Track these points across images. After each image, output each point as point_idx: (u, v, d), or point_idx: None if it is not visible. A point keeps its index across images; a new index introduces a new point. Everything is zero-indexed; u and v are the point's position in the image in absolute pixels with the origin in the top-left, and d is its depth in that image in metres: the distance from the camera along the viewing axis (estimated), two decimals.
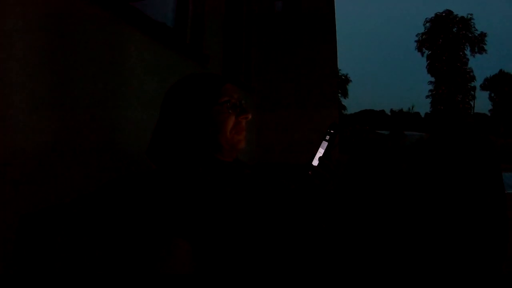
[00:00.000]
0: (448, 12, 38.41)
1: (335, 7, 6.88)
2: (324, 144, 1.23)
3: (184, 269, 1.07)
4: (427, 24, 39.05)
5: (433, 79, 39.01)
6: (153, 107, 2.23)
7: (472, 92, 38.95)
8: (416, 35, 39.88)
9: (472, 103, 39.02)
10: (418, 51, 39.70)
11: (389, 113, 64.79)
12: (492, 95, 46.76)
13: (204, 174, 1.17)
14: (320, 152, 1.22)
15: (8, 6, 1.32)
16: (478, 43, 38.31)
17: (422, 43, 39.38)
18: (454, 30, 38.17)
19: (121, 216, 1.83)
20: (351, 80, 54.22)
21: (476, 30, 38.34)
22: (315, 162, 1.22)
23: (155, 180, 1.19)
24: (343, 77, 51.35)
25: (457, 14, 38.50)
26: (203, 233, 1.07)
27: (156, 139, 1.26)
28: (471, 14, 38.33)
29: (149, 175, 1.24)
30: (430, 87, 39.45)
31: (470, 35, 38.29)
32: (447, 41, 37.77)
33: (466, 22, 38.20)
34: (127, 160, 2.10)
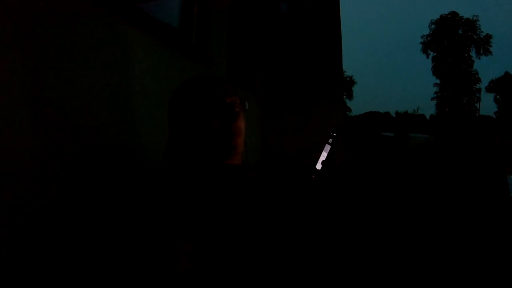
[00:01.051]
0: (453, 14, 38.37)
1: (340, 9, 6.88)
2: (328, 147, 1.22)
3: (188, 270, 1.06)
4: (433, 26, 39.03)
5: (438, 81, 39.02)
6: (157, 108, 2.24)
7: (478, 94, 38.92)
8: (422, 37, 39.89)
9: (477, 105, 39.01)
10: (423, 53, 39.73)
11: (394, 115, 64.80)
12: (498, 97, 46.68)
13: (209, 177, 1.17)
14: (324, 155, 1.22)
15: (12, 7, 1.32)
16: (484, 45, 38.26)
17: (427, 45, 39.36)
18: (459, 32, 38.12)
19: (127, 217, 1.83)
20: (356, 82, 54.33)
21: (482, 31, 38.34)
22: (319, 166, 1.21)
23: (161, 183, 1.19)
24: (348, 79, 51.42)
25: (462, 16, 38.51)
26: (207, 235, 1.07)
27: (168, 145, 1.28)
28: (477, 16, 38.31)
29: (155, 177, 1.24)
30: (435, 89, 39.47)
31: (476, 37, 38.26)
32: (452, 43, 37.73)
33: (471, 24, 38.15)
34: (131, 160, 2.10)
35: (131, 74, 2.12)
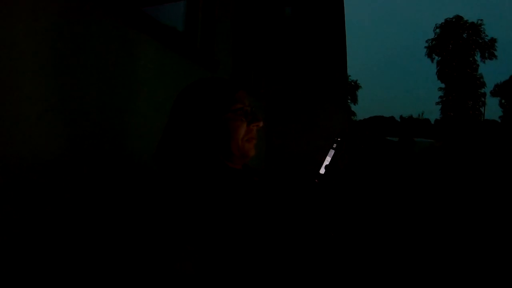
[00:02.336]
0: (458, 18, 38.31)
1: (345, 12, 6.88)
2: (331, 152, 1.23)
3: (189, 274, 1.06)
4: (437, 30, 38.99)
5: (443, 85, 38.94)
6: (162, 112, 2.24)
7: (482, 99, 38.79)
8: (426, 41, 39.85)
9: (482, 110, 38.85)
10: (428, 57, 39.67)
11: (399, 120, 64.76)
12: (503, 101, 46.45)
13: (213, 181, 1.16)
14: (327, 160, 1.22)
15: (20, 14, 1.33)
16: (488, 48, 38.17)
17: (432, 49, 39.30)
18: (464, 35, 38.07)
19: (131, 219, 1.83)
20: (360, 86, 54.33)
21: (486, 35, 38.26)
22: (322, 171, 1.21)
23: (164, 185, 1.18)
24: (352, 83, 51.42)
25: (467, 20, 38.42)
26: (210, 239, 1.06)
27: (164, 143, 1.24)
28: (481, 20, 38.24)
29: (158, 179, 1.23)
30: (440, 93, 39.38)
31: (480, 41, 38.17)
32: (457, 47, 37.67)
33: (476, 28, 38.09)
34: (136, 165, 2.10)
35: (137, 77, 2.12)
